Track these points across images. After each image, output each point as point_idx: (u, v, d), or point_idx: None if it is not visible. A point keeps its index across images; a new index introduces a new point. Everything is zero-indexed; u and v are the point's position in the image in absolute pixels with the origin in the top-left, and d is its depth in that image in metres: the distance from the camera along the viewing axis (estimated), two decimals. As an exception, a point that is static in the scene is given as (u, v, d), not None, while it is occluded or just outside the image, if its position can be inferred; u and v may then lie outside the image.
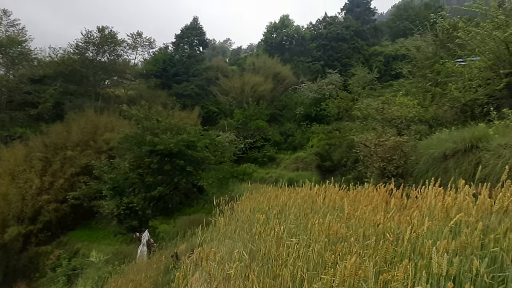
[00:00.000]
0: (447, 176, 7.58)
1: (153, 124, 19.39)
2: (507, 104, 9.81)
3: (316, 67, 39.50)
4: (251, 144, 28.06)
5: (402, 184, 8.24)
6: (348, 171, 17.99)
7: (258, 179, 23.49)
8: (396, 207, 4.62)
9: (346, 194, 6.36)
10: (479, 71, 11.50)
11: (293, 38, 45.18)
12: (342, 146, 19.87)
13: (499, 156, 6.35)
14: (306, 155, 24.09)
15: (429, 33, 19.47)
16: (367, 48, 42.04)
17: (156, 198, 17.98)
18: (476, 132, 7.72)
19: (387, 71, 36.44)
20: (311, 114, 30.36)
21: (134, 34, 35.82)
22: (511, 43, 10.22)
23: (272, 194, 7.76)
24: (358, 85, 28.04)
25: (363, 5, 52.34)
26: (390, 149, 9.70)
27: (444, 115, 13.11)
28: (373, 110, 16.36)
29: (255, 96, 34.17)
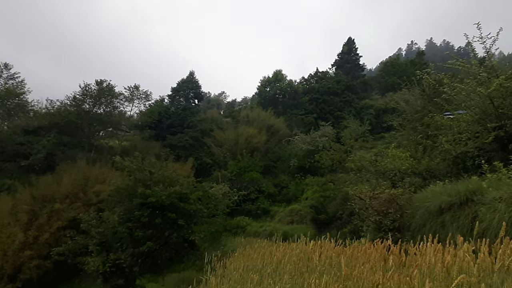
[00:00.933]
0: (445, 231, 7.40)
1: (145, 176, 19.14)
2: (497, 157, 9.92)
3: (309, 119, 40.47)
4: (245, 196, 27.62)
5: (400, 239, 8.02)
6: (344, 224, 17.59)
7: (252, 232, 22.79)
8: (395, 265, 4.40)
9: (342, 251, 6.11)
10: (467, 124, 11.77)
11: (286, 91, 46.86)
12: (337, 199, 19.64)
13: (495, 210, 6.25)
14: (301, 208, 23.68)
15: (417, 88, 20.27)
16: (358, 101, 43.55)
17: (145, 254, 17.16)
18: (470, 185, 7.67)
19: (378, 123, 37.38)
20: (305, 166, 30.42)
21: (131, 87, 36.93)
22: (495, 99, 10.61)
23: (267, 250, 7.43)
24: (351, 137, 28.57)
25: (352, 61, 55.35)
26: (385, 202, 9.56)
27: (437, 167, 13.15)
28: (366, 162, 16.42)
29: (249, 147, 34.43)
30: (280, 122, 39.63)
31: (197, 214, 18.95)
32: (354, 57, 56.21)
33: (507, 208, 6.02)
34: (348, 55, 55.93)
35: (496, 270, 2.96)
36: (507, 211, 5.99)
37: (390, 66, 51.07)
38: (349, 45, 56.99)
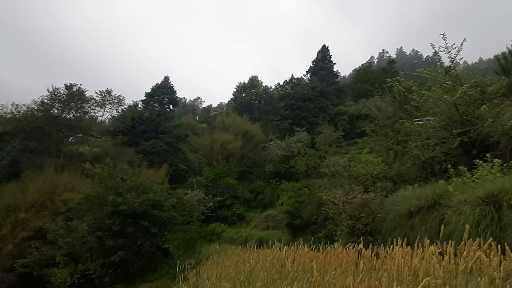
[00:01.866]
0: (414, 234, 7.59)
1: (117, 183, 18.58)
2: (462, 161, 10.33)
3: (284, 125, 40.79)
4: (221, 202, 27.40)
5: (372, 243, 8.16)
6: (319, 229, 17.75)
7: (227, 239, 22.60)
8: (366, 269, 4.44)
9: (316, 256, 6.13)
10: (434, 130, 12.21)
11: (261, 97, 47.12)
12: (311, 204, 19.82)
13: (460, 213, 6.47)
14: (276, 213, 23.74)
15: (388, 95, 20.90)
16: (332, 107, 44.36)
17: (116, 263, 16.58)
18: (437, 189, 7.93)
19: (352, 129, 38.18)
20: (281, 171, 30.59)
21: (103, 92, 35.85)
22: (460, 106, 11.08)
23: (240, 257, 7.34)
24: (325, 142, 29.02)
25: (326, 68, 56.50)
26: (358, 206, 9.72)
27: (407, 172, 13.55)
28: (340, 167, 16.69)
29: (224, 153, 34.26)
30: (255, 127, 39.74)
31: (171, 222, 18.57)
32: (328, 64, 57.39)
33: (471, 211, 6.24)
34: (322, 62, 57.04)
35: (460, 272, 3.03)
36: (471, 213, 6.21)
37: (363, 74, 52.45)
38: (323, 52, 58.16)
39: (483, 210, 6.10)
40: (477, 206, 6.25)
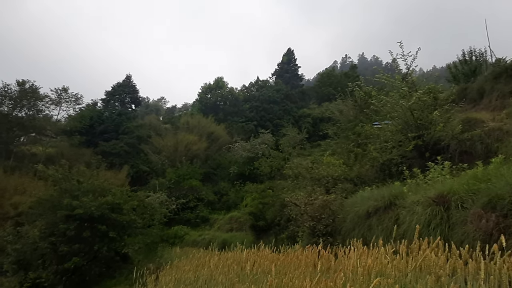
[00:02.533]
0: (371, 233, 7.85)
1: (73, 186, 17.65)
2: (416, 164, 10.85)
3: (249, 127, 40.89)
4: (184, 205, 26.90)
5: (331, 244, 8.33)
6: (282, 230, 17.88)
7: (190, 242, 22.19)
8: (324, 270, 4.51)
9: (277, 258, 6.14)
10: (392, 134, 12.74)
11: (227, 99, 46.94)
12: (275, 205, 19.94)
13: (413, 213, 6.77)
14: (240, 215, 23.67)
15: (350, 99, 21.56)
16: (296, 110, 45.10)
17: (71, 270, 15.69)
18: (393, 190, 8.26)
19: (315, 132, 38.99)
20: (245, 173, 30.58)
21: (59, 89, 34.00)
22: (415, 111, 11.65)
23: (201, 261, 7.21)
24: (289, 144, 29.41)
25: (291, 71, 57.45)
26: (319, 208, 9.90)
27: (367, 173, 14.03)
28: (303, 169, 16.97)
29: (188, 155, 33.71)
30: (220, 129, 39.50)
31: (131, 225, 17.91)
32: (293, 67, 58.40)
33: (423, 211, 6.55)
34: (287, 65, 57.93)
35: (410, 270, 3.14)
36: (423, 213, 6.51)
37: (326, 78, 53.82)
38: (288, 55, 59.09)
39: (434, 210, 6.42)
40: (428, 206, 6.56)
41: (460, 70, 18.22)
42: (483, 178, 6.28)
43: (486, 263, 3.31)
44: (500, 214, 5.26)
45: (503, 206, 5.24)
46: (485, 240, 4.78)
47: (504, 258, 3.33)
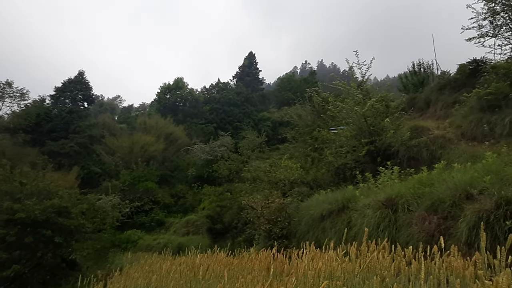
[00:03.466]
0: (325, 236, 8.03)
1: (14, 188, 16.34)
2: (369, 168, 11.33)
3: (209, 129, 40.49)
4: (138, 208, 25.93)
5: (286, 246, 8.42)
6: (239, 233, 17.87)
7: (144, 246, 21.40)
8: (277, 273, 4.50)
9: (231, 262, 6.07)
10: (346, 139, 13.20)
11: (187, 100, 46.18)
12: (233, 208, 19.90)
13: (364, 216, 7.05)
14: (198, 218, 23.27)
15: (308, 104, 22.07)
16: (256, 113, 45.38)
17: (10, 279, 14.44)
18: (346, 193, 8.55)
19: (275, 135, 39.41)
20: (203, 176, 30.18)
21: (2, 83, 31.41)
22: (369, 117, 12.18)
23: (152, 267, 6.93)
24: (248, 147, 29.50)
25: (252, 74, 57.79)
26: (275, 211, 9.99)
27: (322, 177, 14.42)
28: (261, 172, 17.07)
29: (145, 156, 32.61)
30: (179, 130, 38.69)
31: (79, 230, 16.90)
32: (254, 71, 58.80)
33: (373, 213, 6.83)
34: (248, 69, 58.23)
35: (358, 272, 3.22)
36: (373, 216, 6.79)
37: (286, 82, 54.74)
38: (250, 59, 59.43)
39: (383, 212, 6.71)
40: (378, 209, 6.85)
41: (410, 81, 19.31)
42: (427, 182, 6.67)
43: (426, 263, 3.50)
44: (441, 217, 5.60)
45: (444, 209, 5.60)
46: (428, 241, 5.06)
47: (443, 258, 3.54)
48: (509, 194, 4.69)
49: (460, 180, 5.80)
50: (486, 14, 11.81)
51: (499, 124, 9.66)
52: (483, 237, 2.75)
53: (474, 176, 5.71)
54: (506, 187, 4.91)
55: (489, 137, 9.72)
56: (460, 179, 5.82)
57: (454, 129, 11.40)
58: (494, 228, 4.53)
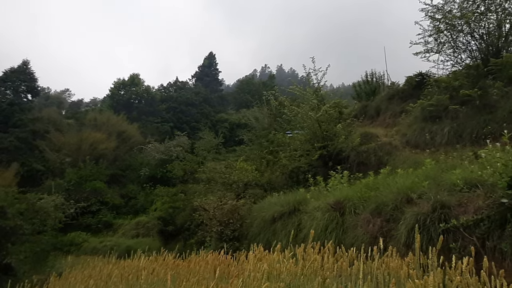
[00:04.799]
0: (276, 238, 8.09)
1: None
2: (321, 172, 11.64)
3: (165, 128, 39.49)
4: (85, 209, 24.50)
5: (237, 248, 8.36)
6: (191, 235, 17.49)
7: (89, 249, 20.29)
8: (223, 276, 4.43)
9: (177, 265, 5.88)
10: (301, 143, 13.47)
11: (142, 97, 44.68)
12: (186, 210, 19.43)
13: (314, 218, 7.19)
14: (149, 220, 22.50)
15: (265, 107, 22.23)
16: (214, 114, 45.05)
17: None
18: (298, 196, 8.68)
19: (232, 137, 39.34)
20: (157, 176, 29.30)
21: None
22: (323, 122, 12.53)
23: (93, 272, 6.52)
24: (205, 148, 29.11)
25: (212, 75, 57.31)
26: (228, 212, 9.89)
27: (276, 180, 14.56)
28: (216, 173, 16.89)
29: (94, 154, 30.98)
30: (133, 128, 37.31)
31: (16, 232, 15.59)
32: (214, 72, 58.38)
33: (322, 216, 6.99)
34: (208, 69, 57.70)
35: (300, 273, 3.24)
36: (322, 218, 6.94)
37: (246, 85, 55.00)
38: (210, 59, 58.93)
39: (331, 215, 6.89)
40: (326, 212, 7.03)
41: (363, 89, 20.12)
42: (373, 186, 6.96)
43: (368, 263, 3.62)
44: (384, 219, 5.86)
45: (387, 212, 5.86)
46: (371, 242, 5.25)
47: (382, 259, 3.67)
48: (444, 198, 5.01)
49: (402, 184, 6.10)
50: (432, 31, 12.61)
51: (439, 134, 10.36)
52: (417, 239, 2.88)
53: (415, 181, 6.04)
54: (441, 192, 5.23)
55: (430, 145, 10.37)
56: (402, 184, 6.13)
57: (400, 137, 12.05)
58: (430, 230, 4.80)
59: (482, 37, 11.63)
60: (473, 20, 11.38)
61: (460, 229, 4.47)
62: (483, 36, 11.59)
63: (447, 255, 3.79)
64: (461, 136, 9.66)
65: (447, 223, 4.57)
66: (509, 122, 7.89)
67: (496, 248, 4.04)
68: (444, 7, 12.07)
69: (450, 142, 9.84)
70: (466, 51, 12.28)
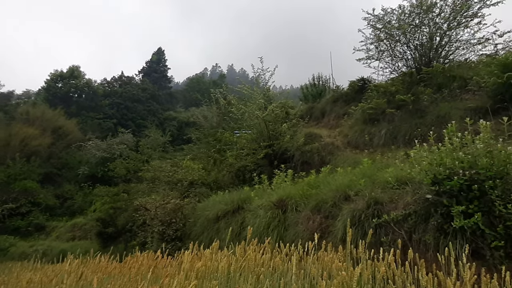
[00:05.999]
0: (219, 236, 7.98)
1: None
2: (267, 171, 11.74)
3: (108, 124, 37.42)
4: (13, 210, 22.34)
5: (179, 249, 8.10)
6: (133, 236, 16.75)
7: (17, 255, 18.49)
8: (159, 277, 4.21)
9: (114, 267, 5.52)
10: (247, 142, 13.49)
11: (83, 91, 41.84)
12: (128, 210, 18.55)
13: (257, 216, 7.19)
14: (86, 221, 21.13)
15: (214, 106, 21.98)
16: (162, 112, 43.67)
17: None
18: (242, 194, 8.65)
19: (180, 135, 38.40)
20: (97, 175, 27.61)
21: None
22: (269, 122, 12.65)
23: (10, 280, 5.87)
24: (151, 146, 28.04)
25: (161, 71, 55.40)
26: (170, 212, 9.58)
27: (223, 179, 14.45)
28: (161, 172, 16.35)
29: (25, 151, 28.37)
30: (71, 124, 34.83)
31: None
32: (162, 68, 56.48)
33: (265, 214, 7.01)
34: (157, 65, 55.68)
35: (235, 271, 3.17)
36: (264, 216, 6.96)
37: (196, 83, 54.14)
38: (158, 55, 56.92)
39: (274, 213, 6.94)
40: (269, 210, 7.06)
41: (310, 92, 20.77)
42: (314, 185, 7.14)
43: (307, 259, 3.65)
44: (323, 216, 6.02)
45: (326, 209, 6.03)
46: (311, 238, 5.35)
47: (318, 253, 3.73)
48: (378, 195, 5.27)
49: (341, 183, 6.33)
50: (373, 39, 13.33)
51: (377, 135, 10.98)
52: (349, 233, 2.96)
53: (353, 180, 6.30)
54: (376, 189, 5.50)
55: (368, 146, 10.95)
56: (341, 182, 6.36)
57: (342, 138, 12.58)
58: (364, 225, 5.01)
59: (416, 48, 12.51)
60: (409, 32, 12.21)
61: (390, 223, 4.72)
62: (417, 47, 12.47)
63: (379, 248, 3.97)
64: (396, 138, 10.31)
65: (379, 218, 4.80)
66: (436, 125, 8.56)
67: (421, 240, 4.31)
68: (384, 17, 12.79)
69: (386, 143, 10.46)
70: (402, 60, 13.11)
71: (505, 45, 11.05)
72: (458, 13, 11.34)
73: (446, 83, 10.79)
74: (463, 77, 10.46)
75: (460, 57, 12.33)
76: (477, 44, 11.73)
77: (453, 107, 9.39)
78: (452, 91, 10.39)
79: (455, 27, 11.66)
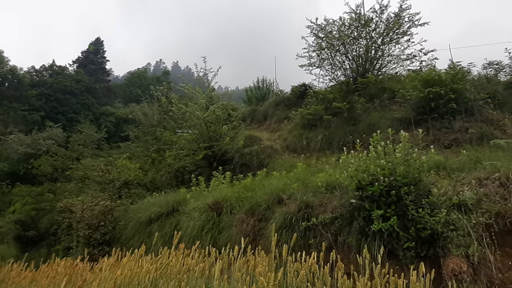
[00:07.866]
0: (151, 240, 7.65)
1: None
2: (206, 172, 11.58)
3: (34, 117, 34.04)
4: None
5: (108, 253, 7.61)
6: (58, 240, 15.44)
7: None
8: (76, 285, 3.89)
9: (26, 276, 4.99)
10: (187, 142, 13.20)
11: (5, 78, 37.58)
12: (53, 212, 17.05)
13: (191, 218, 7.03)
14: (3, 224, 18.93)
15: (156, 103, 21.14)
16: (98, 106, 40.93)
17: None
18: (178, 196, 8.40)
19: (117, 132, 36.24)
20: (19, 173, 24.93)
21: None
22: (210, 123, 12.50)
23: None
24: (83, 143, 26.13)
25: (98, 63, 51.87)
26: (99, 214, 8.96)
27: (161, 179, 13.97)
28: (93, 171, 15.32)
29: None
30: (-11, 115, 31.10)
31: None
32: (100, 59, 52.88)
33: (200, 216, 6.88)
34: (94, 56, 52.01)
35: (153, 276, 3.04)
36: (199, 219, 6.83)
37: (137, 78, 51.65)
38: (96, 45, 53.27)
39: (209, 215, 6.85)
40: (204, 212, 6.95)
41: (254, 94, 21.03)
42: (250, 187, 7.19)
43: (240, 261, 3.62)
44: (257, 219, 6.07)
45: (260, 212, 6.09)
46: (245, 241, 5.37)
47: (247, 257, 3.73)
48: (309, 199, 5.45)
49: (276, 186, 6.44)
50: (315, 47, 13.85)
51: (314, 140, 11.42)
52: (274, 238, 2.98)
53: (287, 183, 6.45)
54: (307, 193, 5.69)
55: (306, 150, 11.34)
56: (276, 186, 6.47)
57: (281, 141, 12.87)
58: (295, 228, 5.14)
59: (354, 58, 13.26)
60: (347, 43, 12.90)
61: (319, 226, 4.89)
62: (354, 58, 13.23)
63: (307, 250, 4.08)
64: (331, 143, 10.82)
65: (309, 221, 4.95)
66: (368, 133, 9.11)
67: (345, 242, 4.53)
68: (326, 27, 13.36)
69: (322, 148, 10.93)
70: (341, 69, 13.81)
71: (428, 62, 12.23)
72: (391, 29, 12.27)
73: (378, 94, 11.60)
74: (392, 89, 11.32)
75: (391, 71, 13.37)
76: (405, 59, 12.83)
77: (383, 116, 10.11)
78: (382, 102, 11.19)
79: (388, 42, 12.60)
